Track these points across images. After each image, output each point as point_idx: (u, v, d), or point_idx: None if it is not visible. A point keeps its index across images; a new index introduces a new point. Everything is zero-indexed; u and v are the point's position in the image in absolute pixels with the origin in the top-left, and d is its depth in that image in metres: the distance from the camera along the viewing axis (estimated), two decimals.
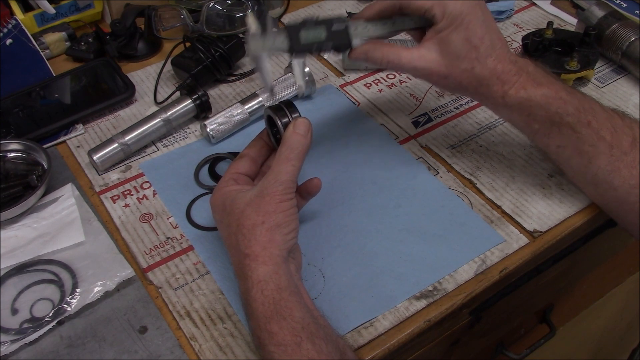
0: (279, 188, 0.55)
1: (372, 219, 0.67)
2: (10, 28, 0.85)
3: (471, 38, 0.59)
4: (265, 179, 0.56)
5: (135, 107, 0.83)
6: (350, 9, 0.97)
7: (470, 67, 0.60)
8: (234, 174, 0.60)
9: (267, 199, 0.54)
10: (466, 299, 0.61)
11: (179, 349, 0.57)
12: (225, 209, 0.57)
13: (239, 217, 0.55)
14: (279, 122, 0.60)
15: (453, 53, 0.60)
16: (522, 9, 0.99)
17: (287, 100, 0.62)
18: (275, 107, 0.61)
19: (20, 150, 0.73)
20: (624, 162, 0.60)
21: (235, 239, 0.55)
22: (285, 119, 0.60)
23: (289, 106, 0.61)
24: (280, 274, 0.52)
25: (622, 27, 0.84)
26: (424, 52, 0.61)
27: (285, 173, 0.56)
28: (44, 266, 0.64)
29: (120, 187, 0.72)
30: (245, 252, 0.53)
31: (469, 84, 0.61)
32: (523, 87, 0.61)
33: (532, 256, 0.65)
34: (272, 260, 0.53)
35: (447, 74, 0.61)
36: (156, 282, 0.63)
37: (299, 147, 0.57)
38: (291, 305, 0.51)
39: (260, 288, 0.52)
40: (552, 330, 0.99)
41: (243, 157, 0.62)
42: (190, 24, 0.87)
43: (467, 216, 0.68)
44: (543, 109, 0.61)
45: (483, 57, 0.60)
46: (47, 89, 0.82)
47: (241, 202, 0.56)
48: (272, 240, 0.53)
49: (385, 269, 0.63)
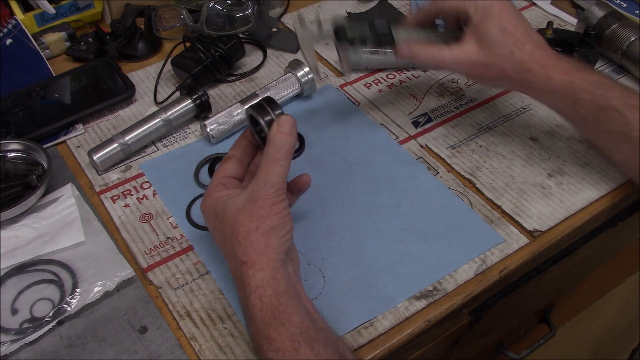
0: (269, 191, 0.54)
1: (372, 219, 0.68)
2: (10, 28, 0.85)
3: (505, 26, 0.63)
4: (255, 182, 0.55)
5: (135, 107, 0.83)
6: (350, 9, 0.97)
7: (509, 51, 0.63)
8: (222, 178, 0.59)
9: (259, 204, 0.54)
10: (466, 299, 0.61)
11: (179, 349, 0.57)
12: (217, 216, 0.56)
13: (233, 224, 0.54)
14: (262, 120, 0.58)
15: (491, 41, 0.63)
16: (522, 9, 0.99)
17: (268, 97, 0.60)
18: (257, 105, 0.59)
19: (20, 150, 0.73)
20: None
21: (231, 246, 0.54)
22: (268, 116, 0.58)
23: (270, 103, 0.59)
24: (278, 279, 0.52)
25: (622, 27, 0.84)
26: (464, 46, 0.65)
27: (275, 174, 0.54)
28: (44, 266, 0.64)
29: (120, 187, 0.72)
30: (242, 260, 0.53)
31: (511, 68, 0.64)
32: (566, 72, 0.63)
33: (532, 256, 0.65)
34: (269, 265, 0.52)
35: (488, 62, 0.64)
36: (156, 282, 0.63)
37: (285, 146, 0.55)
38: (290, 310, 0.51)
39: (259, 294, 0.51)
40: (552, 330, 0.99)
41: (229, 159, 0.61)
42: (190, 24, 0.87)
43: (467, 216, 0.68)
44: (588, 93, 0.62)
45: (520, 42, 0.63)
46: (47, 89, 0.82)
47: (233, 208, 0.55)
48: (268, 245, 0.53)
49: (385, 269, 0.63)
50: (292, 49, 0.91)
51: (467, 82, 0.85)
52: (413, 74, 0.87)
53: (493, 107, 0.81)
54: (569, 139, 0.77)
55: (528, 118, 0.80)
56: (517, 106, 0.81)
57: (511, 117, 0.80)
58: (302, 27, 0.70)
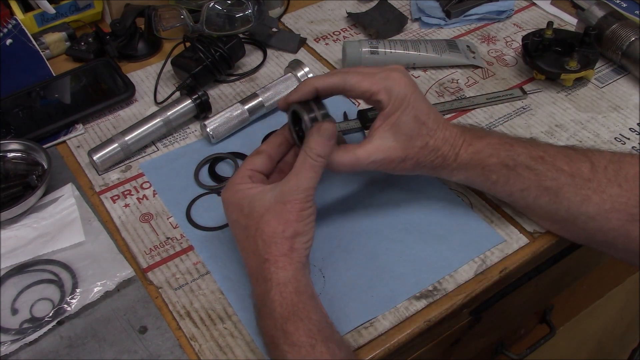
0: (299, 196, 0.54)
1: (372, 219, 0.68)
2: (10, 28, 0.85)
3: (419, 116, 0.59)
4: (286, 183, 0.55)
5: (135, 107, 0.83)
6: (350, 9, 0.97)
7: (424, 142, 0.60)
8: (249, 171, 0.59)
9: (288, 207, 0.54)
10: (466, 299, 0.61)
11: (179, 349, 0.57)
12: (242, 211, 0.56)
13: (258, 222, 0.55)
14: (306, 117, 0.57)
15: (406, 134, 0.59)
16: (522, 9, 0.99)
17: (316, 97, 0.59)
18: (303, 102, 0.59)
19: (20, 150, 0.73)
20: (590, 188, 0.59)
21: (254, 242, 0.55)
22: (312, 114, 0.57)
23: (317, 102, 0.58)
24: (299, 279, 0.53)
25: (622, 27, 0.84)
26: (378, 142, 0.59)
27: (307, 180, 0.55)
28: (44, 266, 0.64)
29: (120, 187, 0.72)
30: (265, 257, 0.54)
31: (426, 159, 0.61)
32: (469, 143, 0.61)
33: (532, 256, 0.65)
34: (291, 266, 0.53)
35: (404, 157, 0.60)
36: (156, 282, 0.63)
37: (323, 153, 0.56)
38: (309, 308, 0.52)
39: (280, 290, 0.52)
40: (552, 330, 0.99)
41: (260, 153, 0.61)
42: (190, 24, 0.87)
43: (467, 216, 0.68)
44: (494, 157, 0.61)
45: (433, 130, 0.60)
46: (47, 89, 0.82)
47: (260, 206, 0.55)
48: (292, 249, 0.54)
49: (385, 269, 0.63)
50: (292, 49, 0.91)
51: (467, 82, 0.85)
52: (413, 74, 0.87)
53: (493, 107, 0.81)
54: (569, 139, 0.77)
55: (528, 118, 0.80)
56: (517, 106, 0.81)
57: (511, 117, 0.80)
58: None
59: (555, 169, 0.60)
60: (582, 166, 0.60)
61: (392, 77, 0.59)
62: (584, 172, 0.59)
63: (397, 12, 0.95)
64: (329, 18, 0.98)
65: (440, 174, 0.63)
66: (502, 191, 0.63)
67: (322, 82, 0.59)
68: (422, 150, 0.60)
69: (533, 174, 0.60)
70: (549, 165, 0.60)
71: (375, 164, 0.60)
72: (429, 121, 0.60)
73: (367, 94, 0.59)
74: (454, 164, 0.61)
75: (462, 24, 0.96)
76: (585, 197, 0.59)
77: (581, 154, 0.61)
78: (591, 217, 0.59)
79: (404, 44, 0.86)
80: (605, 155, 0.61)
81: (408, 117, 0.59)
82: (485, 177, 0.62)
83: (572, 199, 0.59)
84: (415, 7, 0.97)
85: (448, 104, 0.81)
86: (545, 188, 0.60)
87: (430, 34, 0.94)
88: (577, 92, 0.84)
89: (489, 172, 0.61)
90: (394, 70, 0.60)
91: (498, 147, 0.61)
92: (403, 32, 0.94)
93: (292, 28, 0.95)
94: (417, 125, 0.59)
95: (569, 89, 0.84)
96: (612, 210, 0.58)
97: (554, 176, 0.60)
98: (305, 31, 0.95)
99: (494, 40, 0.93)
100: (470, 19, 0.96)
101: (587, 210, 0.59)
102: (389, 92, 0.58)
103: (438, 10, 0.96)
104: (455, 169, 0.62)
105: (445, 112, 0.80)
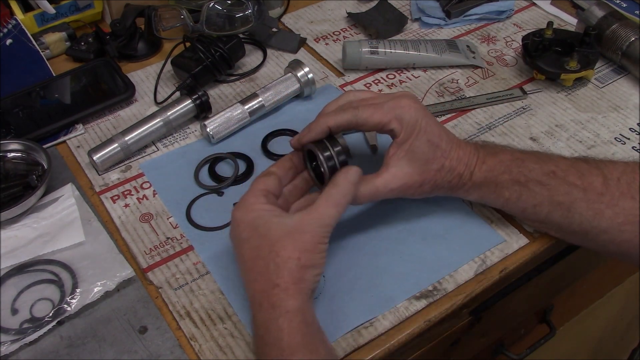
0: (321, 230, 0.55)
1: (372, 219, 0.67)
2: (10, 28, 0.85)
3: (432, 139, 0.59)
4: (308, 214, 0.55)
5: (135, 107, 0.83)
6: (350, 9, 0.97)
7: (440, 165, 0.60)
8: (264, 190, 0.58)
9: (307, 237, 0.54)
10: (466, 299, 0.61)
11: (179, 349, 0.57)
12: (256, 230, 0.55)
13: (274, 245, 0.54)
14: (321, 156, 0.59)
15: (422, 159, 0.60)
16: (522, 9, 0.99)
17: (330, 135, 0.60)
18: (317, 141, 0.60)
19: (20, 150, 0.73)
20: (603, 202, 0.58)
21: (264, 264, 0.54)
22: (327, 152, 0.59)
23: (330, 139, 0.60)
24: (306, 310, 0.53)
25: (622, 27, 0.84)
26: (395, 170, 0.60)
27: (330, 217, 0.55)
28: (44, 266, 0.64)
29: (120, 187, 0.72)
30: (276, 282, 0.53)
31: (443, 180, 0.61)
32: (483, 161, 0.61)
33: (532, 256, 0.65)
34: (301, 296, 0.53)
35: (422, 181, 0.60)
36: (156, 282, 0.63)
37: (348, 195, 0.57)
38: (317, 342, 0.52)
39: (289, 318, 0.51)
40: (552, 330, 0.99)
41: (271, 174, 0.60)
42: (190, 24, 0.87)
43: (467, 216, 0.68)
44: (506, 173, 0.61)
45: (447, 151, 0.60)
46: (47, 89, 0.82)
47: (278, 229, 0.55)
48: (302, 279, 0.53)
49: (385, 269, 0.63)
50: (292, 49, 0.91)
51: (467, 82, 0.85)
52: (413, 74, 0.87)
53: (493, 107, 0.81)
54: (569, 139, 0.77)
55: (528, 118, 0.80)
56: (517, 106, 0.81)
57: (511, 117, 0.80)
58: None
59: (567, 183, 0.60)
60: (595, 180, 0.59)
61: (401, 105, 0.60)
62: (596, 186, 0.59)
63: (397, 12, 0.95)
64: (329, 18, 0.98)
65: (458, 193, 0.64)
66: (515, 207, 0.63)
67: (333, 121, 0.60)
68: (438, 172, 0.61)
69: (545, 189, 0.60)
70: (560, 180, 0.60)
71: (394, 191, 0.61)
72: (442, 143, 0.60)
73: (379, 126, 0.60)
74: (470, 183, 0.62)
75: (462, 24, 0.96)
76: (597, 212, 0.59)
77: (593, 166, 0.61)
78: (603, 231, 0.59)
79: (404, 44, 0.86)
80: (619, 166, 0.60)
81: (421, 141, 0.59)
82: (498, 194, 0.62)
83: (584, 214, 0.59)
84: (415, 7, 0.97)
85: (448, 104, 0.81)
86: (557, 203, 0.60)
87: (430, 34, 0.94)
88: (577, 92, 0.84)
89: (501, 189, 0.61)
90: (402, 97, 0.60)
91: (510, 164, 0.61)
92: (403, 32, 0.94)
93: (292, 28, 0.95)
94: (431, 148, 0.60)
95: (569, 89, 0.84)
96: (625, 223, 0.58)
97: (566, 191, 0.60)
98: (305, 31, 0.95)
99: (494, 40, 0.93)
100: (470, 19, 0.96)
101: (599, 224, 0.59)
102: (400, 120, 0.59)
103: (438, 10, 0.96)
104: (470, 188, 0.62)
105: (445, 112, 0.80)
